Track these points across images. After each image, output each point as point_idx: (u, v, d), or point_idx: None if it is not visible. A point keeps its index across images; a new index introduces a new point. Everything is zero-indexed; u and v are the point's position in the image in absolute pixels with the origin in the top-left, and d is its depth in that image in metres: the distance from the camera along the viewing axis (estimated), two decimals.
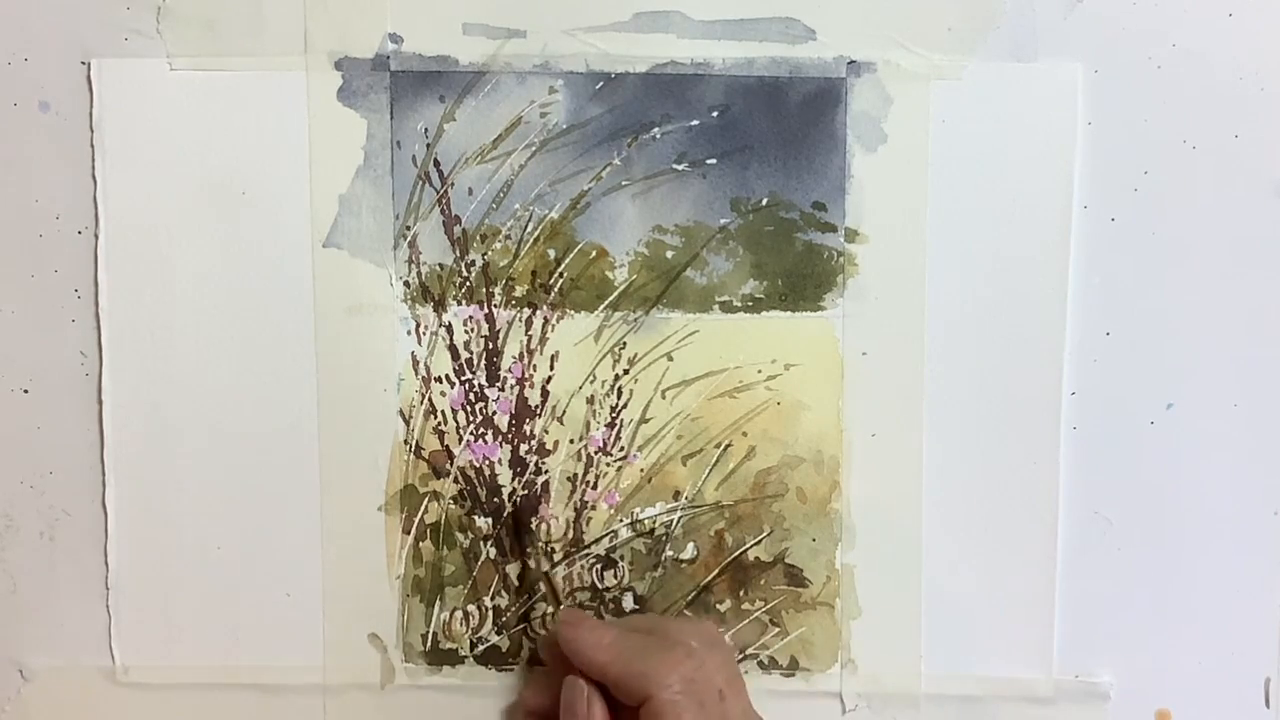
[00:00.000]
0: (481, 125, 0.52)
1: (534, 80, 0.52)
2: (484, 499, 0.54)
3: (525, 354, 0.53)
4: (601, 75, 0.52)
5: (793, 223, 0.52)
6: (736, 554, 0.54)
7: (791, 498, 0.53)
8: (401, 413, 0.53)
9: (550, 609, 0.53)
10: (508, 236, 0.53)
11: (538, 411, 0.53)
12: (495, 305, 0.53)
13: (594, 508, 0.54)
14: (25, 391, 0.54)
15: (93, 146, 0.52)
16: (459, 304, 0.53)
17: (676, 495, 0.54)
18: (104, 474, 0.54)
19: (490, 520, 0.54)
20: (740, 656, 0.54)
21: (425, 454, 0.53)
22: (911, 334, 0.52)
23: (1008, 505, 0.53)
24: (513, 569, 0.54)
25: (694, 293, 0.53)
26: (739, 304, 0.53)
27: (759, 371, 0.53)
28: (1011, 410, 0.53)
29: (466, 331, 0.53)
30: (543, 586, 0.53)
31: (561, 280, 0.53)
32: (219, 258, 0.53)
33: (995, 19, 0.51)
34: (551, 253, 0.53)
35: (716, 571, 0.54)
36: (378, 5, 0.51)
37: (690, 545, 0.54)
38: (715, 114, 0.52)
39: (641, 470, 0.54)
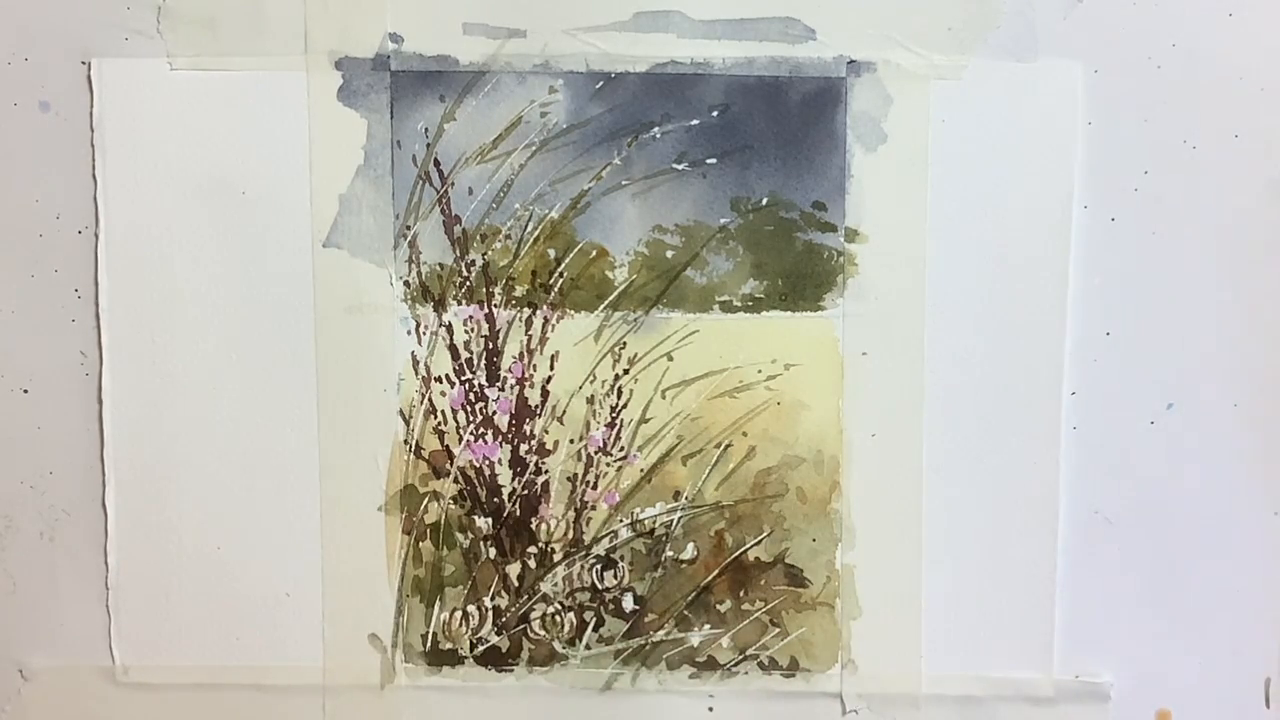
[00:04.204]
0: (482, 125, 0.52)
1: (534, 80, 0.52)
2: (484, 499, 0.54)
3: (525, 354, 0.53)
4: (601, 75, 0.52)
5: (793, 222, 0.52)
6: (736, 554, 0.54)
7: (791, 498, 0.53)
8: (401, 413, 0.53)
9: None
10: (508, 236, 0.53)
11: (538, 411, 0.53)
12: (495, 305, 0.53)
13: (594, 508, 0.54)
14: (25, 391, 0.54)
15: (93, 146, 0.52)
16: (459, 304, 0.53)
17: (676, 495, 0.54)
18: (104, 474, 0.54)
19: (490, 520, 0.54)
20: (740, 657, 0.54)
21: (425, 454, 0.53)
22: (911, 334, 0.52)
23: (1008, 505, 0.53)
24: (513, 569, 0.54)
25: (694, 292, 0.53)
26: (739, 304, 0.53)
27: (759, 371, 0.53)
28: (1011, 410, 0.53)
29: (466, 331, 0.53)
30: None
31: (561, 280, 0.53)
32: (219, 258, 0.53)
33: (995, 19, 0.51)
34: (551, 252, 0.53)
35: (716, 572, 0.54)
36: (378, 5, 0.51)
37: (690, 545, 0.54)
38: (715, 114, 0.52)
39: (641, 470, 0.54)
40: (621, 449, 0.53)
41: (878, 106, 0.52)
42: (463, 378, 0.53)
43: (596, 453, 0.54)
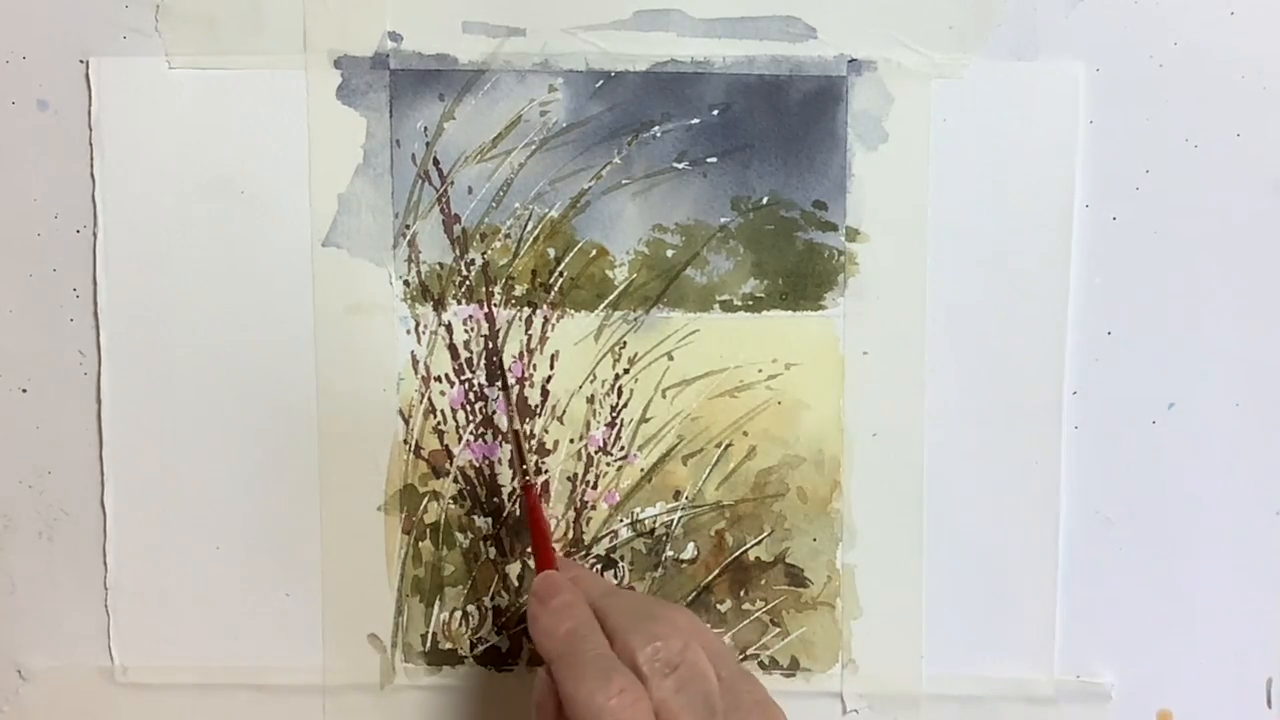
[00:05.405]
0: (481, 124, 0.52)
1: (534, 79, 0.52)
2: (484, 499, 0.54)
3: (525, 353, 0.53)
4: (601, 74, 0.51)
5: (793, 221, 0.52)
6: (737, 554, 0.54)
7: (792, 497, 0.53)
8: (401, 412, 0.53)
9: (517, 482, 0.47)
10: (507, 235, 0.52)
11: (538, 411, 0.53)
12: (495, 304, 0.53)
13: (594, 508, 0.54)
14: (24, 391, 0.53)
15: (91, 145, 0.52)
16: (459, 303, 0.53)
17: (677, 495, 0.54)
18: (103, 474, 0.53)
19: (490, 520, 0.54)
20: (741, 657, 0.54)
21: (425, 454, 0.53)
22: (912, 333, 0.52)
23: (1009, 505, 0.53)
24: (513, 569, 0.54)
25: (694, 292, 0.53)
26: (739, 303, 0.53)
27: (759, 371, 0.53)
28: (1013, 410, 0.53)
29: (466, 331, 0.53)
30: (509, 449, 0.48)
31: (561, 279, 0.53)
32: (218, 257, 0.52)
33: (996, 17, 0.51)
34: (551, 252, 0.53)
35: (717, 571, 0.54)
36: (377, 3, 0.51)
37: (690, 545, 0.54)
38: (716, 112, 0.52)
39: (642, 470, 0.53)
40: (622, 449, 0.53)
41: (879, 105, 0.51)
42: (462, 377, 0.53)
43: (596, 452, 0.53)
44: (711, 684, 0.41)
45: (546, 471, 0.54)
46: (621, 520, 0.54)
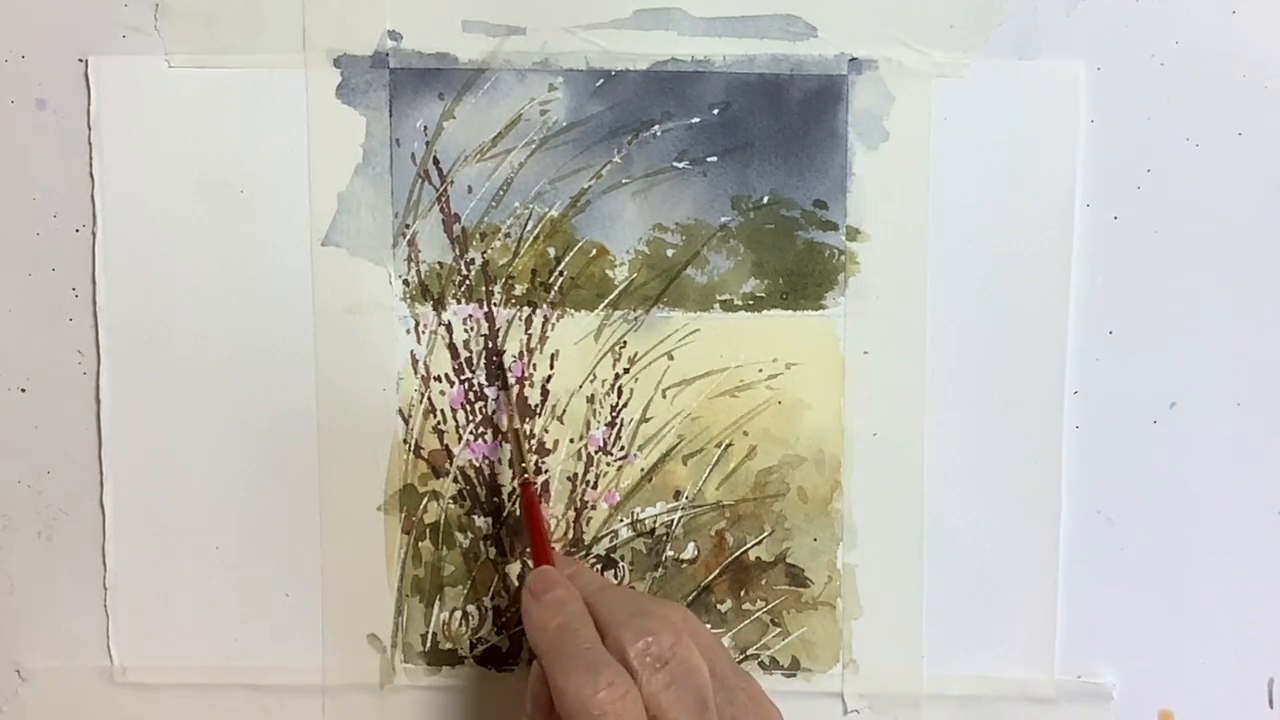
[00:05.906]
0: (481, 123, 0.52)
1: (534, 78, 0.52)
2: (484, 499, 0.54)
3: (525, 353, 0.53)
4: (602, 73, 0.51)
5: (794, 221, 0.52)
6: (737, 554, 0.54)
7: (792, 497, 0.53)
8: (401, 412, 0.53)
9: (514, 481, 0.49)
10: (507, 235, 0.52)
11: (538, 411, 0.53)
12: (495, 304, 0.53)
13: (594, 507, 0.54)
14: (23, 391, 0.53)
15: (90, 144, 0.52)
16: (458, 303, 0.53)
17: (677, 495, 0.53)
18: (102, 473, 0.53)
19: (490, 520, 0.54)
20: (741, 657, 0.54)
21: (425, 453, 0.53)
22: (913, 333, 0.52)
23: (1009, 505, 0.53)
24: (513, 569, 0.54)
25: (695, 291, 0.52)
26: (740, 303, 0.52)
27: (760, 370, 0.53)
28: (1013, 409, 0.52)
29: (466, 330, 0.53)
30: (509, 447, 0.49)
31: (561, 279, 0.53)
32: (217, 256, 0.52)
33: (997, 16, 0.51)
34: (551, 251, 0.52)
35: (717, 571, 0.54)
36: (377, 2, 0.51)
37: (691, 545, 0.54)
38: (716, 111, 0.52)
39: (642, 470, 0.53)
40: (622, 448, 0.53)
41: (879, 104, 0.51)
42: (462, 377, 0.53)
43: (597, 452, 0.53)
44: (704, 679, 0.41)
45: (546, 471, 0.53)
46: (622, 520, 0.54)
